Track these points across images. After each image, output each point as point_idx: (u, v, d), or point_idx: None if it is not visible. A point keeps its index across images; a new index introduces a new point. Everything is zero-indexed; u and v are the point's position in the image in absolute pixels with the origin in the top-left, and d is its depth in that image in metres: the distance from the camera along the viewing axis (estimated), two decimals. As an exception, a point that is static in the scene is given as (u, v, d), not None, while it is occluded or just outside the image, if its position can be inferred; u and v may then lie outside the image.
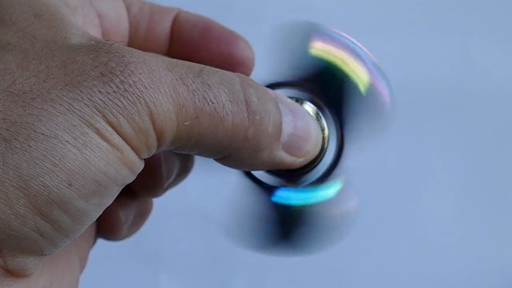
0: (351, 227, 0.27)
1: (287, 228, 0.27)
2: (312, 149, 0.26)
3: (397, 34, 0.55)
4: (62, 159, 0.20)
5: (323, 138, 0.26)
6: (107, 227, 0.29)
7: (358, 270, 0.53)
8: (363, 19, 0.55)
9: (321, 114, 0.26)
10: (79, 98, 0.20)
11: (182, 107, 0.22)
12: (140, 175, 0.23)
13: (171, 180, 0.29)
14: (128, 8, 0.28)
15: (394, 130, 0.56)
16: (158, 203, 0.31)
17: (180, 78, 0.22)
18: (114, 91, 0.21)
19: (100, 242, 0.30)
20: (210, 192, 0.50)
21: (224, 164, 0.25)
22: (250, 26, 0.55)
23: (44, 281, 0.23)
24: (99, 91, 0.20)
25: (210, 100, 0.22)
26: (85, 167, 0.20)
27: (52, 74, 0.21)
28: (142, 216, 0.30)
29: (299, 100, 0.26)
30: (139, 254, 0.53)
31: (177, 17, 0.29)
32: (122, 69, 0.21)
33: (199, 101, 0.22)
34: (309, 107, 0.26)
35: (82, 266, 0.27)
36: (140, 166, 0.22)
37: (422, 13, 0.55)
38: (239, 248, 0.27)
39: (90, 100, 0.20)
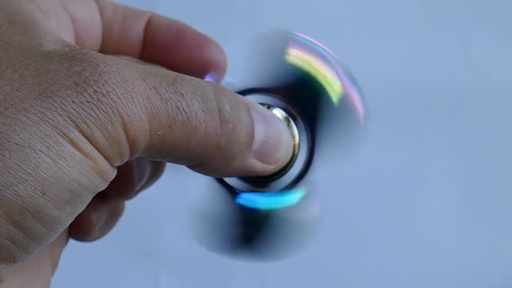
0: (314, 233, 0.27)
1: (250, 231, 0.27)
2: (283, 156, 0.26)
3: (397, 34, 0.55)
4: (36, 168, 0.20)
5: (294, 145, 0.26)
6: (79, 228, 0.29)
7: (358, 270, 0.53)
8: (363, 19, 0.55)
9: (291, 120, 0.27)
10: (53, 108, 0.21)
11: (155, 116, 0.22)
12: (112, 180, 0.23)
13: (142, 183, 0.29)
14: (101, 11, 0.28)
15: (394, 130, 0.56)
16: (158, 203, 0.31)
17: (154, 87, 0.22)
18: (88, 101, 0.21)
19: (100, 241, 0.30)
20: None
21: (197, 171, 0.25)
22: (250, 26, 0.55)
23: (16, 285, 0.23)
24: (73, 101, 0.21)
25: (183, 110, 0.23)
26: (59, 177, 0.20)
27: (26, 83, 0.21)
28: (114, 217, 0.30)
29: (270, 107, 0.26)
30: (139, 254, 0.53)
31: (150, 21, 0.29)
32: (96, 78, 0.21)
33: (172, 110, 0.22)
34: (279, 113, 0.26)
35: (54, 268, 0.27)
36: (112, 174, 0.22)
37: (423, 13, 0.55)
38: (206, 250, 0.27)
39: (63, 110, 0.21)
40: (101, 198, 0.29)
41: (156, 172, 0.30)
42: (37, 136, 0.20)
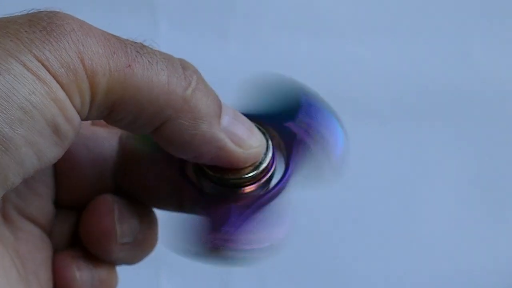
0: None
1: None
2: (256, 145, 0.25)
3: (397, 34, 0.55)
4: None
5: (268, 155, 0.25)
6: (60, 287, 0.27)
7: (358, 271, 0.53)
8: (363, 20, 0.55)
9: (268, 137, 0.26)
10: (5, 36, 0.20)
11: (113, 54, 0.21)
12: (90, 228, 0.23)
13: (127, 240, 0.27)
14: None
15: (394, 131, 0.56)
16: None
17: (112, 35, 0.22)
18: (41, 30, 0.21)
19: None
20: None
21: (165, 140, 0.23)
22: (250, 26, 0.55)
23: None
24: (26, 31, 0.20)
25: (143, 54, 0.22)
26: (7, 90, 0.20)
27: None
28: (103, 286, 0.27)
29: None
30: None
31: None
32: (51, 15, 0.21)
33: (131, 52, 0.22)
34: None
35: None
36: (73, 114, 0.21)
37: (423, 13, 0.55)
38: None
39: (17, 38, 0.20)
40: (86, 257, 0.27)
41: (145, 233, 0.28)
42: None
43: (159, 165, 0.27)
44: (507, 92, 0.55)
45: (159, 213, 0.29)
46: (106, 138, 0.28)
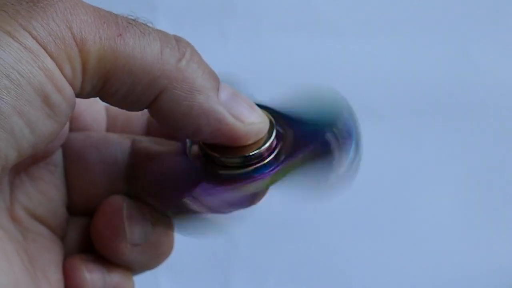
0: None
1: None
2: (257, 122, 0.24)
3: (397, 35, 0.55)
4: None
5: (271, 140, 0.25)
6: None
7: (359, 270, 0.53)
8: (364, 20, 0.55)
9: (274, 124, 0.25)
10: None
11: (103, 23, 0.21)
12: (100, 228, 0.23)
13: (137, 242, 0.26)
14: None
15: (394, 131, 0.56)
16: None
17: (102, 9, 0.22)
18: (27, 2, 0.20)
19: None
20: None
21: (162, 115, 0.23)
22: (250, 26, 0.55)
23: None
24: (12, 4, 0.20)
25: (136, 25, 0.22)
26: None
27: None
28: None
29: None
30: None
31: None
32: None
33: (122, 22, 0.22)
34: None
35: None
36: (63, 83, 0.21)
37: (423, 13, 0.55)
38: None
39: (3, 10, 0.20)
40: (97, 261, 0.27)
41: (160, 236, 0.27)
42: None
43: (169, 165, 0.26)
44: (507, 91, 0.55)
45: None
46: (119, 143, 0.27)
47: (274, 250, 0.52)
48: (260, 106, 0.25)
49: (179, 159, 0.26)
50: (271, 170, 0.25)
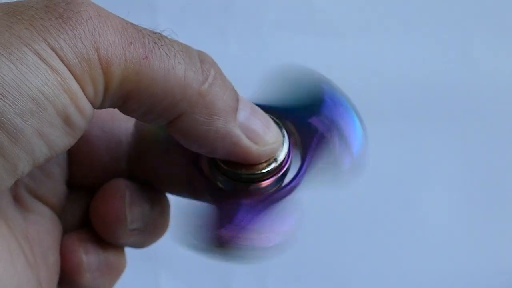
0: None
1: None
2: (272, 141, 0.24)
3: (398, 34, 0.55)
4: None
5: (283, 151, 0.25)
6: (67, 270, 0.26)
7: (359, 270, 0.53)
8: (364, 19, 0.55)
9: (285, 133, 0.25)
10: (19, 23, 0.20)
11: (130, 44, 0.21)
12: (100, 212, 0.22)
13: (136, 226, 0.27)
14: None
15: (394, 130, 0.56)
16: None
17: (131, 24, 0.21)
18: (56, 18, 0.20)
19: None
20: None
21: (179, 134, 0.23)
22: (250, 26, 0.55)
23: None
24: (41, 18, 0.20)
25: (161, 45, 0.22)
26: (20, 81, 0.19)
27: None
28: (109, 269, 0.27)
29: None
30: (139, 254, 0.53)
31: None
32: (69, 1, 0.21)
33: (149, 43, 0.21)
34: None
35: None
36: (85, 104, 0.21)
37: (423, 13, 0.55)
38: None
39: (31, 25, 0.20)
40: (94, 240, 0.27)
41: (156, 217, 0.27)
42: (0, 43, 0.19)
43: (173, 151, 0.26)
44: (507, 91, 0.55)
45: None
46: (123, 120, 0.27)
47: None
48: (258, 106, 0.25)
49: (184, 154, 0.26)
50: (298, 176, 0.25)
